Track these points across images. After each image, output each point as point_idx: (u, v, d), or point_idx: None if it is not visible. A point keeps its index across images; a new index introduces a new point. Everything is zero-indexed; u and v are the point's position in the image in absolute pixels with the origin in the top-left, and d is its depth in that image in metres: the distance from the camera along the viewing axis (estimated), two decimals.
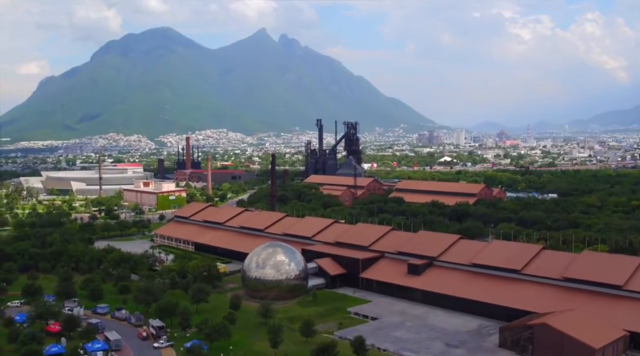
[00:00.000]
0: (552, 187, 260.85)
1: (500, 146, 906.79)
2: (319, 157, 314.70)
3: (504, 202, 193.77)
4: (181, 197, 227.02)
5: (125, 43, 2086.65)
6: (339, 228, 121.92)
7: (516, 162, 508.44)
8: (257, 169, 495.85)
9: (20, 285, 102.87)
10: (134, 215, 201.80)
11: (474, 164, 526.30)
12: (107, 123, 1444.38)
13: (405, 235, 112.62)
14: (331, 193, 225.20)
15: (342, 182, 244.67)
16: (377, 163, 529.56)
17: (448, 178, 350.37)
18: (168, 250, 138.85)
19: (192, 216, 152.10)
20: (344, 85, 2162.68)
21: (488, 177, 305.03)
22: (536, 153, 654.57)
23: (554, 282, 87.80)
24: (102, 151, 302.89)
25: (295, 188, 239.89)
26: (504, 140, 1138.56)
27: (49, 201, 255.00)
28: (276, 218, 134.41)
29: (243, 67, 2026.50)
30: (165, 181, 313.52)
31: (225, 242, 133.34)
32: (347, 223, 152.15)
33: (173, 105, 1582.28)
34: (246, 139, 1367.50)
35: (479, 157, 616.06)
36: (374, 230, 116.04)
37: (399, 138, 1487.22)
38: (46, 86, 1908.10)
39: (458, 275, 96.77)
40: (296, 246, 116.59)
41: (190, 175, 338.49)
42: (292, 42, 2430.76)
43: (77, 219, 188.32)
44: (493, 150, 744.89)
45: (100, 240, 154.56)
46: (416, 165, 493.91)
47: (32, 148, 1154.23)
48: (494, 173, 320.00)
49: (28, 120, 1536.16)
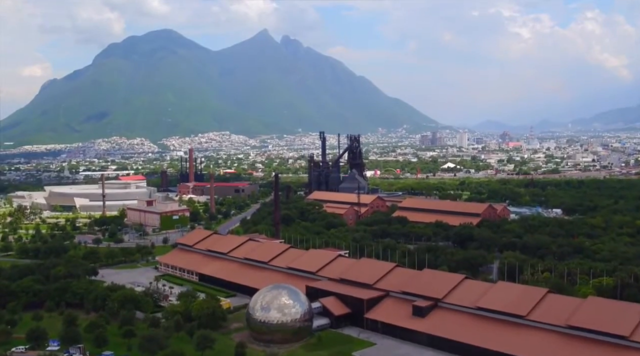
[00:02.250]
0: (556, 202, 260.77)
1: (504, 149, 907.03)
2: (322, 170, 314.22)
3: (508, 222, 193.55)
4: (184, 217, 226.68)
5: (127, 45, 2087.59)
6: (344, 263, 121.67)
7: (519, 169, 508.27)
8: (260, 178, 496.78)
9: (24, 326, 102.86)
10: (137, 237, 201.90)
11: (477, 170, 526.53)
12: (110, 126, 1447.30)
13: (409, 273, 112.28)
14: (335, 212, 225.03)
15: (345, 199, 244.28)
16: (381, 170, 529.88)
17: (452, 187, 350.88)
18: (172, 281, 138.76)
19: (196, 244, 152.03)
20: (346, 86, 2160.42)
21: (492, 191, 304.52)
22: (539, 158, 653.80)
23: (559, 329, 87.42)
24: (103, 175, 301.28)
25: (298, 206, 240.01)
26: (507, 142, 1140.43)
27: (53, 217, 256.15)
28: (280, 249, 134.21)
29: (245, 69, 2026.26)
30: (168, 195, 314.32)
31: (229, 273, 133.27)
32: (352, 249, 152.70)
33: (176, 108, 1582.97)
34: (249, 142, 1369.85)
35: (482, 162, 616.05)
36: (378, 266, 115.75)
37: (402, 139, 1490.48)
38: (48, 89, 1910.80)
39: (463, 319, 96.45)
40: (300, 281, 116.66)
41: (194, 188, 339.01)
42: (294, 43, 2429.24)
43: (81, 242, 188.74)
44: (496, 154, 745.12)
45: (105, 268, 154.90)
46: (419, 172, 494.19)
47: (35, 153, 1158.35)
48: (497, 187, 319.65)
49: (31, 124, 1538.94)
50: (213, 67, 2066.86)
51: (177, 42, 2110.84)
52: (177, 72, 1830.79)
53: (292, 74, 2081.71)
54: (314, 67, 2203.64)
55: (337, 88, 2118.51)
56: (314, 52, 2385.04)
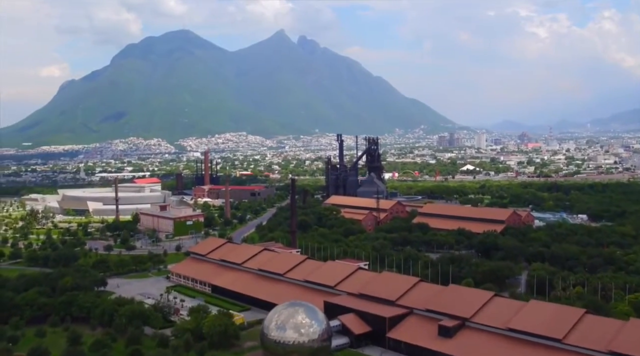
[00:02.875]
0: (581, 207, 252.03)
1: (523, 150, 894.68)
2: (340, 173, 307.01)
3: (534, 231, 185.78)
4: (199, 222, 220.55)
5: (145, 46, 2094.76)
6: (364, 276, 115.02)
7: (540, 171, 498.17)
8: (277, 180, 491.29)
9: (27, 343, 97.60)
10: (150, 243, 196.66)
11: (497, 173, 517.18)
12: (127, 126, 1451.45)
13: (434, 289, 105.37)
14: (353, 218, 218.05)
15: (364, 205, 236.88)
16: (399, 172, 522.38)
17: (472, 191, 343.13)
18: (184, 292, 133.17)
19: (209, 254, 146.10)
20: (363, 86, 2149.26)
21: (514, 195, 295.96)
22: (560, 160, 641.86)
23: (599, 355, 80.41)
24: (117, 179, 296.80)
25: (315, 211, 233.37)
26: (526, 143, 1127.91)
27: (65, 222, 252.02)
28: (297, 261, 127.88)
29: (262, 69, 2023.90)
30: (183, 198, 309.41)
31: (243, 286, 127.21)
32: (371, 258, 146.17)
33: (192, 108, 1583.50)
34: (266, 142, 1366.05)
35: (502, 164, 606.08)
36: (401, 281, 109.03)
37: (419, 139, 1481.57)
38: (67, 90, 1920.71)
39: (493, 340, 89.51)
40: (318, 296, 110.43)
41: (209, 191, 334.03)
42: (311, 43, 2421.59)
43: (92, 249, 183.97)
44: (516, 156, 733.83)
45: (115, 278, 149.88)
46: (438, 174, 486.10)
47: (53, 153, 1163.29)
48: (519, 191, 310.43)
49: (49, 124, 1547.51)
50: (230, 67, 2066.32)
51: (194, 43, 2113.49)
52: (194, 73, 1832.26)
53: (309, 74, 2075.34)
54: (330, 67, 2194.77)
55: (354, 88, 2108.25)
56: (331, 52, 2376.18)
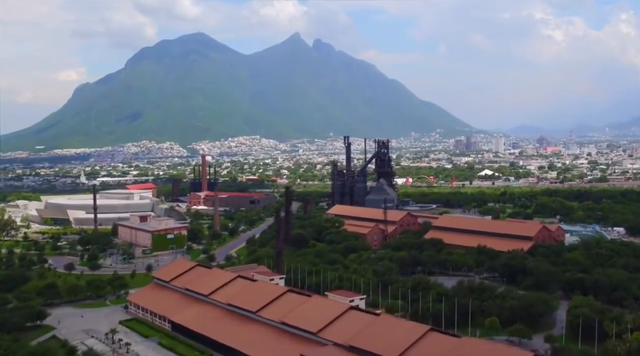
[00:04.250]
0: (617, 219, 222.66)
1: (542, 154, 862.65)
2: (347, 179, 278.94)
3: (568, 249, 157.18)
4: (181, 235, 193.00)
5: (160, 49, 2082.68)
6: (356, 319, 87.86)
7: (563, 176, 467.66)
8: (284, 185, 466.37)
9: None
10: (121, 260, 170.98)
11: (517, 178, 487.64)
12: (140, 129, 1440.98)
13: (447, 343, 77.81)
14: (357, 232, 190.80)
15: (370, 216, 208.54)
16: (413, 177, 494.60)
17: (491, 198, 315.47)
18: (138, 330, 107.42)
19: (174, 280, 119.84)
20: (378, 89, 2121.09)
21: (539, 205, 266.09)
22: (582, 165, 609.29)
23: None
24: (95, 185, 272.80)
25: (315, 223, 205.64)
26: (545, 147, 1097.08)
27: (39, 233, 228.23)
28: (275, 294, 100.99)
29: (277, 72, 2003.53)
30: (178, 205, 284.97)
31: (206, 325, 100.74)
32: (372, 285, 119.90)
33: (206, 112, 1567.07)
34: (279, 146, 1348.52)
35: (521, 169, 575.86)
36: (404, 330, 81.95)
37: (435, 143, 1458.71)
38: (81, 93, 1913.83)
39: None
40: (295, 344, 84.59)
41: (205, 199, 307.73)
42: (326, 46, 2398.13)
43: (52, 267, 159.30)
44: (535, 160, 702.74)
45: (65, 306, 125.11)
46: (454, 180, 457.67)
47: (65, 156, 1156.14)
48: (545, 200, 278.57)
49: (63, 127, 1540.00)
50: (244, 70, 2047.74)
51: (209, 46, 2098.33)
52: (208, 76, 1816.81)
53: (324, 78, 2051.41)
54: (346, 70, 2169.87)
55: (369, 91, 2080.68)
56: (346, 56, 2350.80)
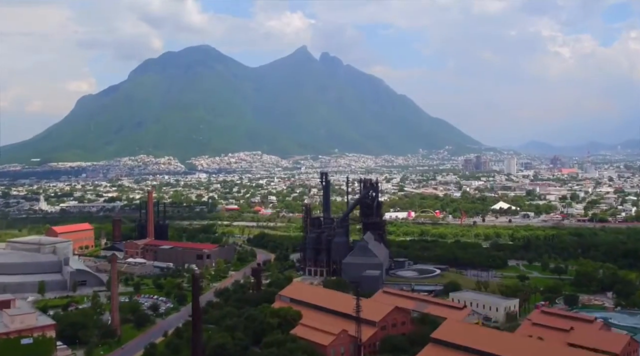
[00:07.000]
0: None
1: (558, 177, 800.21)
2: (323, 230, 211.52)
3: None
4: (46, 339, 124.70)
5: (164, 61, 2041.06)
6: None
7: (592, 214, 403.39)
8: (267, 217, 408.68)
9: None
10: None
11: (537, 213, 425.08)
12: (139, 142, 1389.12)
13: None
14: (313, 340, 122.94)
15: (339, 306, 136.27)
16: (416, 210, 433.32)
17: (511, 247, 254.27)
18: None
19: None
20: (386, 105, 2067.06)
21: (582, 274, 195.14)
22: (608, 194, 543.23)
23: None
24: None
25: (256, 318, 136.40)
26: (559, 168, 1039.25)
27: None
28: None
29: (283, 86, 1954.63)
30: (114, 255, 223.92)
31: None
32: None
33: (208, 125, 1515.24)
34: (281, 162, 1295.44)
35: (540, 199, 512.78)
36: None
37: (444, 161, 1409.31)
38: (83, 104, 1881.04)
39: None
40: None
41: (145, 249, 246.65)
42: (334, 60, 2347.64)
43: None
44: (554, 187, 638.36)
45: None
46: (464, 216, 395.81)
47: (59, 170, 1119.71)
48: (587, 266, 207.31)
49: (61, 139, 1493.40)
50: (249, 83, 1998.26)
51: (214, 58, 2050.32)
52: (211, 88, 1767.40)
53: (330, 92, 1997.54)
54: (353, 84, 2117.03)
55: (376, 107, 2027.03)
56: (354, 70, 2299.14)
